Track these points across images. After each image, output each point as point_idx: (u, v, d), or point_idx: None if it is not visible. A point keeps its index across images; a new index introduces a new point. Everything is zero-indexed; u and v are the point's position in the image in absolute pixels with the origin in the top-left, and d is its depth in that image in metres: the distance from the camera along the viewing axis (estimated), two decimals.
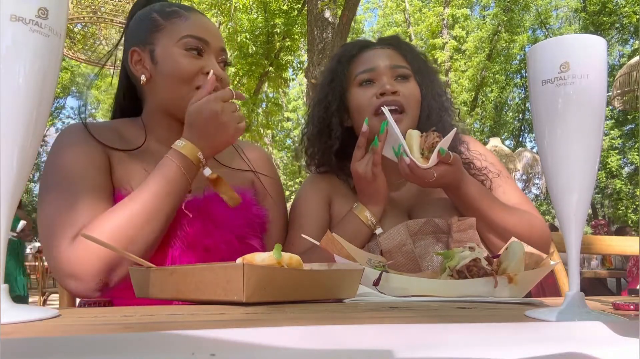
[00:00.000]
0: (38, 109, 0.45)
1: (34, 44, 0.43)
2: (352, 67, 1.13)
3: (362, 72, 1.10)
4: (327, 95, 1.15)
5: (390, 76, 1.09)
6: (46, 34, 0.43)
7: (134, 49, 1.01)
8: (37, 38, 0.43)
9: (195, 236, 0.91)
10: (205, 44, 0.97)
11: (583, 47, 0.51)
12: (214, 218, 0.94)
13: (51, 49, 0.44)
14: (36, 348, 0.28)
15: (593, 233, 5.88)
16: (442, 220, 1.04)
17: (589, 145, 0.50)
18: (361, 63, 1.12)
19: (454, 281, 0.75)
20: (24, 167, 0.44)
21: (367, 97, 1.08)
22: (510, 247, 0.78)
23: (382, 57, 1.11)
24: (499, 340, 0.33)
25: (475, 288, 0.73)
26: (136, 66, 1.00)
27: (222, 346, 0.29)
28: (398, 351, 0.29)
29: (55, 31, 0.44)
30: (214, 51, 0.99)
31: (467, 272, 0.75)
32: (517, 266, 0.75)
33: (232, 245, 0.94)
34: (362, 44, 1.18)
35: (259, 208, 1.04)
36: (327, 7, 6.15)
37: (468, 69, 16.68)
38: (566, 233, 0.51)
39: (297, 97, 19.92)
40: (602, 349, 0.31)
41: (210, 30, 0.99)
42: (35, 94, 0.44)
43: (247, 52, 9.42)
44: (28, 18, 0.42)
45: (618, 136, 16.08)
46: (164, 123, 1.01)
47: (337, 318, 0.48)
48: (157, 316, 0.48)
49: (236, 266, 0.56)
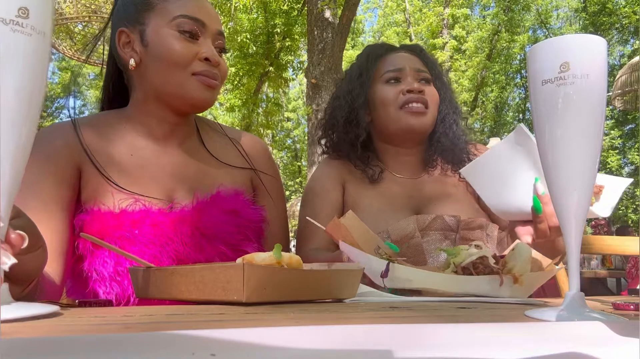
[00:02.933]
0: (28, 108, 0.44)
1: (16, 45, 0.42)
2: (379, 65, 1.21)
3: (390, 71, 1.18)
4: (355, 88, 1.21)
5: (415, 78, 1.17)
6: (28, 33, 0.43)
7: (122, 30, 0.92)
8: (19, 38, 0.43)
9: (185, 252, 0.85)
10: (202, 26, 0.89)
11: (583, 47, 0.51)
12: (204, 230, 0.88)
13: (35, 48, 0.44)
14: (36, 348, 0.28)
15: (593, 233, 5.88)
16: (451, 217, 1.06)
17: (589, 145, 0.50)
18: (388, 63, 1.20)
19: (459, 277, 0.74)
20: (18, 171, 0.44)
21: (394, 93, 1.16)
22: (517, 248, 0.78)
23: (408, 60, 1.21)
24: (499, 340, 0.33)
25: (479, 285, 0.73)
26: (124, 49, 0.92)
27: (222, 346, 0.29)
28: (398, 351, 0.29)
29: (38, 30, 0.44)
30: (211, 34, 0.91)
31: (473, 269, 0.75)
32: (523, 267, 0.75)
33: (225, 256, 0.89)
34: (388, 46, 1.28)
35: (253, 211, 0.98)
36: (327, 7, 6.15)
37: (468, 69, 16.66)
38: (566, 233, 0.51)
39: (297, 97, 19.90)
40: (602, 349, 0.31)
41: (207, 11, 0.92)
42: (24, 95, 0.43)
43: (247, 52, 9.41)
44: (8, 19, 0.42)
45: (618, 136, 16.07)
46: (154, 114, 0.93)
47: (337, 318, 0.48)
48: (157, 316, 0.48)
49: (236, 266, 0.56)
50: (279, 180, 1.11)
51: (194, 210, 0.90)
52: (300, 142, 19.79)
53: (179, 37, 0.88)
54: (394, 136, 1.19)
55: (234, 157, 1.03)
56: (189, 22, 0.89)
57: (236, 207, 0.94)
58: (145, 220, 0.85)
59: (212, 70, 0.91)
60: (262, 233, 1.01)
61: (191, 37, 0.89)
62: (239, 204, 0.95)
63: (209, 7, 0.94)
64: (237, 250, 0.91)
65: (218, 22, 0.94)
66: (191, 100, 0.91)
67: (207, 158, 1.00)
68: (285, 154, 20.06)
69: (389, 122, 1.16)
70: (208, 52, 0.90)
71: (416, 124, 1.13)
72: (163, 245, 0.84)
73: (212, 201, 0.93)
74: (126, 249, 0.80)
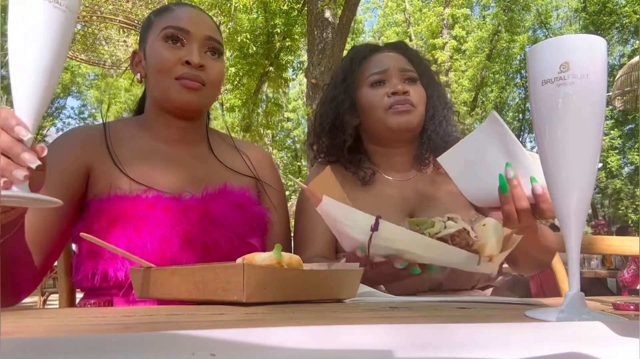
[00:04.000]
0: (52, 74, 0.55)
1: (55, 19, 0.55)
2: (363, 68, 1.19)
3: (374, 74, 1.16)
4: (339, 94, 1.20)
5: (400, 78, 1.15)
6: (64, 10, 0.55)
7: (135, 51, 1.03)
8: (58, 14, 0.55)
9: (193, 233, 0.90)
10: (186, 33, 0.95)
11: (583, 47, 0.51)
12: (213, 217, 0.93)
13: (67, 24, 0.56)
14: (36, 348, 0.28)
15: (593, 233, 5.87)
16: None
17: (589, 145, 0.50)
18: (373, 65, 1.18)
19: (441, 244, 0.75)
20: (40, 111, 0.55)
21: (379, 96, 1.14)
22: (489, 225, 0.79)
23: (392, 60, 1.18)
24: (499, 340, 0.33)
25: (458, 258, 0.75)
26: (136, 67, 1.02)
27: (222, 346, 0.29)
28: (398, 351, 0.29)
29: (70, 9, 0.56)
30: (198, 40, 0.96)
31: (451, 241, 0.76)
32: (496, 245, 0.77)
33: (231, 241, 0.93)
34: (372, 47, 1.25)
35: (259, 208, 1.03)
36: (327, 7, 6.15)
37: (468, 69, 16.66)
38: (566, 233, 0.51)
39: (297, 97, 19.90)
40: (602, 349, 0.31)
41: (192, 20, 0.97)
42: (54, 62, 0.55)
43: (247, 52, 9.41)
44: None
45: (618, 136, 16.07)
46: (160, 119, 1.01)
47: (337, 318, 0.48)
48: (157, 316, 0.48)
49: (236, 266, 0.56)
50: (282, 192, 1.14)
51: (202, 199, 0.96)
52: (300, 142, 19.80)
53: (164, 45, 0.95)
54: (383, 137, 1.18)
55: (240, 165, 1.08)
56: (173, 31, 0.95)
57: (242, 201, 0.99)
58: (158, 204, 0.91)
59: (192, 72, 0.95)
60: (266, 230, 1.04)
61: (176, 44, 0.96)
62: (245, 199, 1.00)
63: (196, 15, 0.99)
64: (243, 240, 0.95)
65: (206, 28, 0.98)
66: (174, 103, 0.97)
67: (216, 163, 1.05)
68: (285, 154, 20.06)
69: (376, 125, 1.15)
70: (189, 56, 0.94)
71: (403, 123, 1.12)
72: (173, 225, 0.89)
73: (219, 193, 0.98)
74: (139, 228, 0.87)
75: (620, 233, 5.75)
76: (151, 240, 0.86)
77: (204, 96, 0.97)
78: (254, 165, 1.10)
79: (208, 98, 0.99)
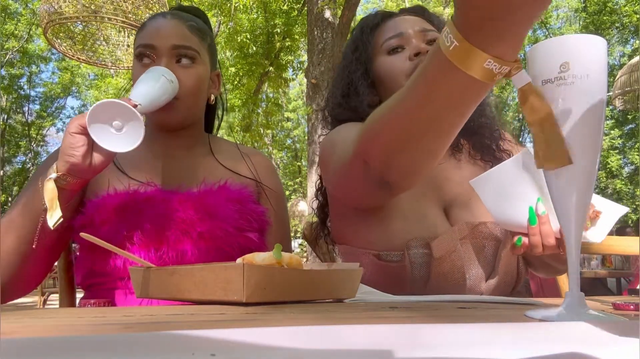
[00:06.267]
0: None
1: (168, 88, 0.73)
2: (377, 36, 1.05)
3: (390, 39, 1.01)
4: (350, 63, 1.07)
5: (421, 40, 1.00)
6: (171, 82, 0.76)
7: None
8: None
9: (191, 223, 0.92)
10: (152, 49, 0.96)
11: (583, 47, 0.51)
12: (209, 210, 0.94)
13: (173, 87, 0.75)
14: (36, 348, 0.28)
15: None
16: (494, 224, 0.96)
17: (589, 145, 0.50)
18: (387, 31, 1.04)
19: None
20: None
21: (399, 61, 1.00)
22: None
23: (409, 22, 1.03)
24: (499, 340, 0.33)
25: None
26: None
27: (222, 346, 0.29)
28: (398, 351, 0.29)
29: (173, 81, 0.74)
30: (164, 52, 0.95)
31: None
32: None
33: (228, 232, 0.93)
34: (384, 13, 1.09)
35: (258, 206, 1.04)
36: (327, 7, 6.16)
37: None
38: (566, 233, 0.51)
39: (297, 97, 19.90)
40: (602, 349, 0.31)
41: (158, 32, 0.97)
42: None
43: (247, 52, 9.41)
44: None
45: (618, 136, 16.08)
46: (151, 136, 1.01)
47: (337, 318, 0.48)
48: (157, 316, 0.48)
49: (236, 266, 0.56)
50: (282, 195, 1.14)
51: (199, 193, 0.97)
52: (300, 142, 19.80)
53: (137, 65, 0.97)
54: None
55: (241, 168, 1.09)
56: (141, 49, 0.97)
57: (241, 198, 1.00)
58: (155, 197, 0.94)
59: None
60: (264, 227, 1.04)
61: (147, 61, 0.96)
62: (244, 196, 1.01)
63: (163, 25, 0.98)
64: (240, 232, 0.96)
65: (172, 37, 0.97)
66: (152, 121, 1.01)
67: (216, 163, 1.06)
68: (285, 154, 20.07)
69: None
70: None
71: None
72: (171, 215, 0.91)
73: (218, 189, 0.99)
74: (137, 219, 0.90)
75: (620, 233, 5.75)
76: (149, 230, 0.89)
77: (179, 111, 0.96)
78: (256, 168, 1.11)
79: (184, 112, 0.98)
